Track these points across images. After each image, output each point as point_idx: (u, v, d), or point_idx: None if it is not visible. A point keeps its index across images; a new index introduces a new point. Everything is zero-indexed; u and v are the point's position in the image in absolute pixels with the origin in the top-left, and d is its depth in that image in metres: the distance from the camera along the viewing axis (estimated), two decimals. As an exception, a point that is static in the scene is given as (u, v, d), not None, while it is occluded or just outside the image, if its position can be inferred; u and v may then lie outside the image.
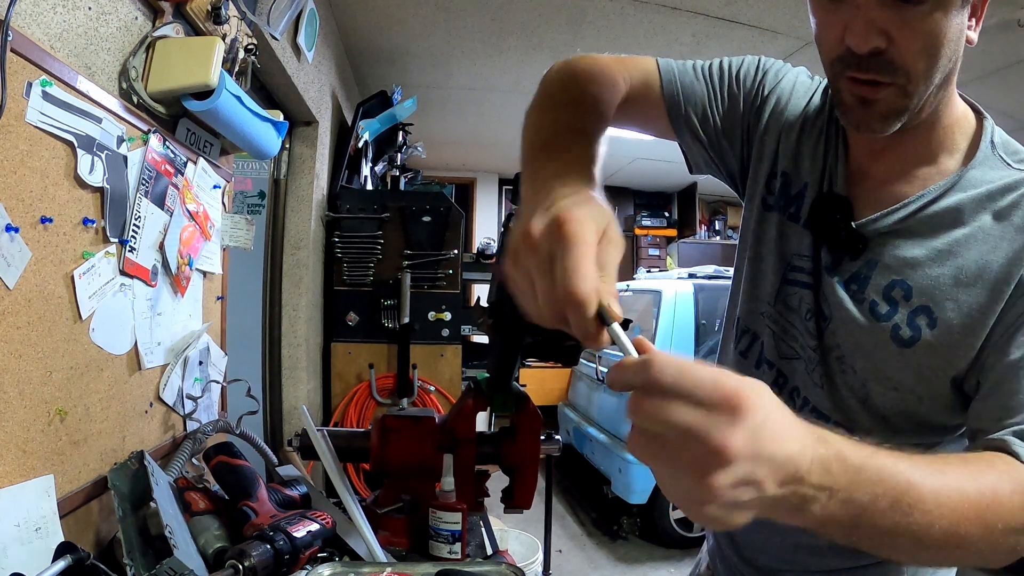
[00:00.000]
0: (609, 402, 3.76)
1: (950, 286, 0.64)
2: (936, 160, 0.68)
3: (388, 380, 2.69)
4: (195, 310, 1.34)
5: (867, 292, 0.69)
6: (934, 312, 0.64)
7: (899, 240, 0.68)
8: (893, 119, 0.64)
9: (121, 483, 0.92)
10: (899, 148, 0.69)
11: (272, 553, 0.81)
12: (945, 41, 0.60)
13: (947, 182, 0.67)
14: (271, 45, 1.74)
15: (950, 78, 0.64)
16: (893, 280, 0.67)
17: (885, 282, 0.68)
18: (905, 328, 0.66)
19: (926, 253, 0.66)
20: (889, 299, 0.67)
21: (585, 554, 3.37)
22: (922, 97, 0.63)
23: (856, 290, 0.70)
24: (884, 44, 0.60)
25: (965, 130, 0.69)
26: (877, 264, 0.69)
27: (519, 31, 2.90)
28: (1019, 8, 2.43)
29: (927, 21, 0.58)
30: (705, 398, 0.38)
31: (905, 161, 0.69)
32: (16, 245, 0.77)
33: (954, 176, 0.67)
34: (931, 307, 0.65)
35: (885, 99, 0.62)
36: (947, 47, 0.60)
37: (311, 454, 1.03)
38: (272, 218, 2.45)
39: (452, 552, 0.97)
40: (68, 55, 0.87)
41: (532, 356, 1.14)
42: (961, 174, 0.66)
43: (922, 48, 0.59)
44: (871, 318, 0.68)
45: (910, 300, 0.66)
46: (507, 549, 1.74)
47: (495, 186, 6.53)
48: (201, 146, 1.29)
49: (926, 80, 0.61)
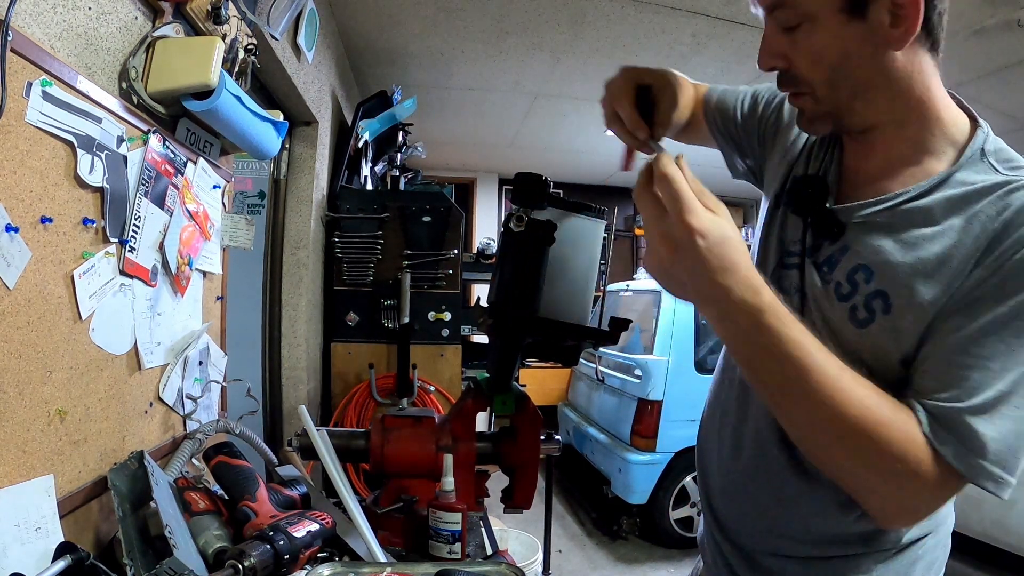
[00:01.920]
0: (609, 402, 3.77)
1: (908, 275, 0.67)
2: (921, 161, 0.72)
3: (388, 380, 2.69)
4: (195, 310, 1.34)
5: (834, 274, 0.74)
6: (890, 298, 0.68)
7: (872, 230, 0.72)
8: (818, 123, 0.74)
9: (121, 483, 0.92)
10: (882, 148, 0.74)
11: (272, 553, 0.82)
12: (837, 57, 0.67)
13: (929, 182, 0.70)
14: (271, 45, 1.74)
15: (877, 87, 0.69)
16: (858, 264, 0.72)
17: (851, 265, 0.72)
18: (861, 309, 0.70)
19: (894, 244, 0.70)
20: (852, 281, 0.72)
21: (585, 554, 3.37)
22: (835, 102, 0.70)
23: (826, 272, 0.75)
24: (785, 64, 0.71)
25: (954, 135, 0.71)
26: (849, 250, 0.73)
27: (519, 31, 2.90)
28: (1019, 8, 2.43)
29: (809, 41, 0.67)
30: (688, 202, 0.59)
31: (889, 161, 0.74)
32: (16, 245, 0.77)
33: (937, 177, 0.69)
34: (888, 292, 0.68)
35: (805, 107, 0.73)
36: (843, 61, 0.67)
37: (311, 454, 1.03)
38: (272, 218, 2.45)
39: (452, 552, 0.97)
40: (68, 55, 0.87)
41: (532, 356, 1.14)
42: (944, 175, 0.69)
43: (811, 62, 0.68)
44: (834, 298, 0.73)
45: (869, 284, 0.70)
46: (507, 549, 1.74)
47: (495, 186, 6.52)
48: (201, 146, 1.29)
49: (831, 88, 0.69)
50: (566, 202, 0.98)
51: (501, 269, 0.96)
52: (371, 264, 2.73)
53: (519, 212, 0.93)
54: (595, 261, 1.01)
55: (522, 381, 1.61)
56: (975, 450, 0.60)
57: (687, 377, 3.35)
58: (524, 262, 0.93)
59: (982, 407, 0.61)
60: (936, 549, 0.81)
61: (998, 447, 0.60)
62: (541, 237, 0.92)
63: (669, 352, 3.37)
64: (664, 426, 3.27)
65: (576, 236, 0.98)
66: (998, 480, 0.60)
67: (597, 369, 3.93)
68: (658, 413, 3.29)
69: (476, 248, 3.41)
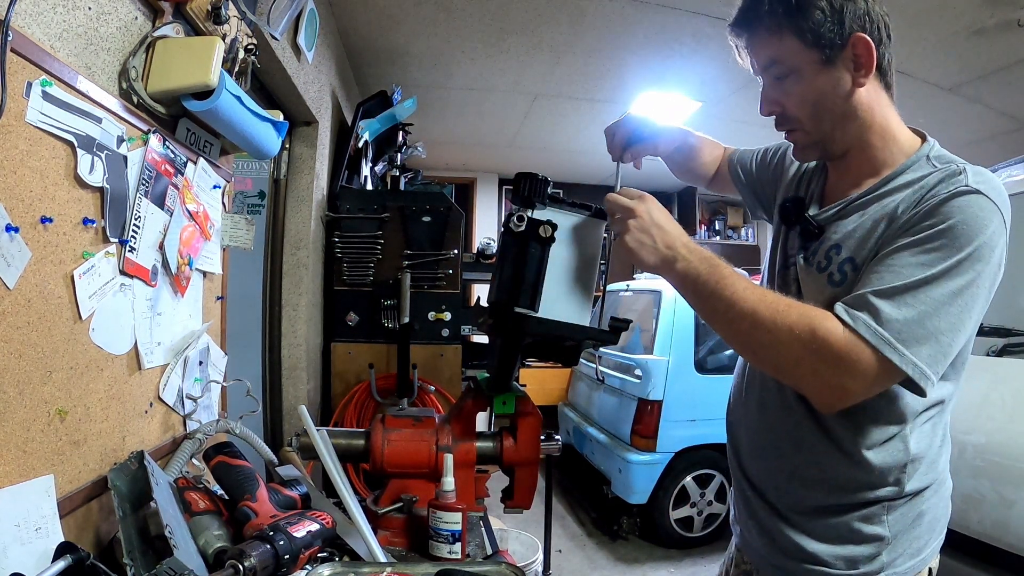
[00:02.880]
0: (609, 402, 3.77)
1: (864, 239, 0.88)
2: (880, 172, 0.91)
3: (388, 380, 2.69)
4: (195, 310, 1.34)
5: (815, 257, 0.95)
6: (856, 260, 0.88)
7: (838, 221, 0.93)
8: (810, 152, 0.96)
9: (121, 483, 0.92)
10: (855, 167, 0.94)
11: (272, 553, 0.82)
12: (816, 96, 0.88)
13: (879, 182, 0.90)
14: (271, 45, 1.74)
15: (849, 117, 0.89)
16: (831, 246, 0.92)
17: (826, 248, 0.93)
18: (836, 274, 0.90)
19: (853, 226, 0.90)
20: (827, 257, 0.92)
21: (585, 554, 3.37)
22: (824, 134, 0.91)
23: (810, 257, 0.96)
24: (779, 109, 0.92)
25: (906, 149, 0.91)
26: (825, 240, 0.94)
27: (519, 31, 2.90)
28: (1019, 8, 2.43)
29: (795, 87, 0.89)
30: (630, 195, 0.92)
31: (858, 177, 0.94)
32: (16, 245, 0.77)
33: (886, 178, 0.90)
34: (854, 257, 0.88)
35: (799, 141, 0.94)
36: (821, 99, 0.88)
37: (311, 454, 1.03)
38: (272, 218, 2.45)
39: (452, 552, 0.97)
40: (68, 55, 0.87)
41: (532, 356, 1.14)
42: (891, 176, 0.89)
43: (799, 104, 0.90)
44: (816, 272, 0.93)
45: (840, 255, 0.90)
46: (507, 549, 1.74)
47: (495, 186, 6.52)
48: (201, 146, 1.29)
49: (816, 123, 0.90)
50: (566, 202, 0.98)
51: (501, 269, 0.96)
52: (371, 264, 2.73)
53: (519, 212, 0.93)
54: (595, 261, 1.01)
55: (522, 381, 1.61)
56: (881, 323, 0.76)
57: (687, 377, 3.35)
58: (524, 262, 0.93)
59: (887, 292, 0.78)
60: (939, 507, 0.93)
61: (901, 327, 0.76)
62: (541, 237, 0.92)
63: (669, 352, 3.37)
64: (664, 426, 3.27)
65: (576, 236, 0.98)
66: (903, 357, 0.75)
67: (597, 369, 3.93)
68: (658, 413, 3.28)
69: (476, 248, 3.40)
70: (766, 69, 0.92)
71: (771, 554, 0.98)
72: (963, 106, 3.46)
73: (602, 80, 3.51)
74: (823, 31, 0.84)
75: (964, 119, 3.62)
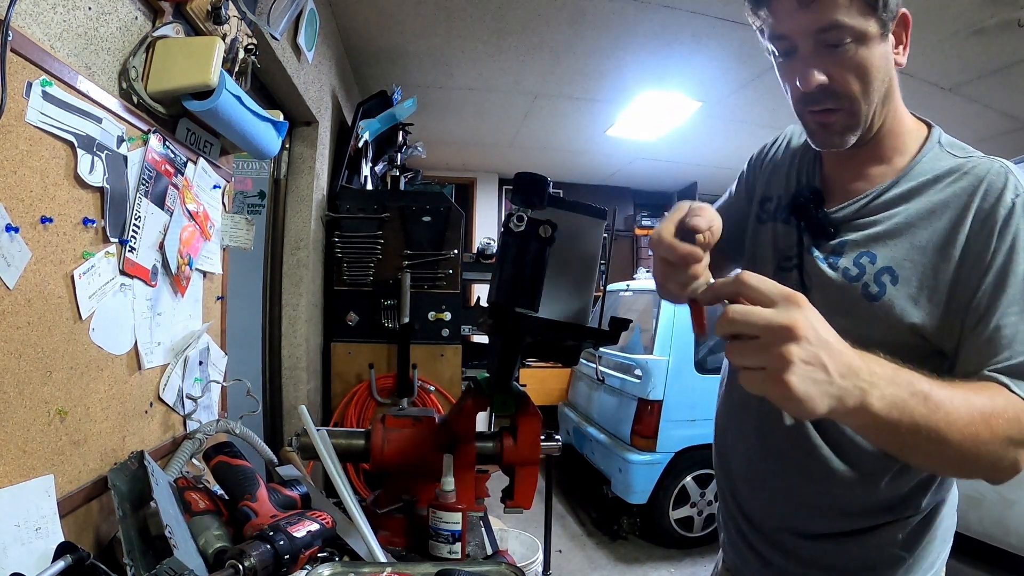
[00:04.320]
0: (609, 402, 3.77)
1: (907, 249, 0.79)
2: (890, 161, 0.85)
3: (388, 380, 2.69)
4: (195, 310, 1.34)
5: (840, 262, 0.85)
6: (895, 271, 0.80)
7: (861, 222, 0.85)
8: (848, 134, 0.82)
9: (121, 483, 0.92)
10: (857, 158, 0.87)
11: (272, 553, 0.81)
12: (873, 69, 0.78)
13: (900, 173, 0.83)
14: (271, 45, 1.74)
15: (890, 95, 0.82)
16: (861, 252, 0.83)
17: (855, 254, 0.84)
18: (873, 285, 0.81)
19: (885, 228, 0.82)
20: (858, 264, 0.83)
21: (585, 554, 3.37)
22: (867, 114, 0.80)
23: (832, 263, 0.86)
24: (826, 81, 0.78)
25: (916, 137, 0.85)
26: (847, 243, 0.85)
27: (519, 31, 2.90)
28: (1019, 8, 2.43)
29: (853, 57, 0.77)
30: (771, 297, 0.54)
31: (863, 166, 0.87)
32: (16, 245, 0.77)
33: (903, 169, 0.83)
34: (893, 267, 0.80)
35: (839, 121, 0.81)
36: (876, 73, 0.78)
37: (311, 454, 1.03)
38: (272, 218, 2.45)
39: (452, 552, 0.97)
40: (68, 55, 0.87)
41: (532, 356, 1.14)
42: (911, 166, 0.83)
43: (854, 77, 0.78)
44: (844, 280, 0.83)
45: (875, 263, 0.82)
46: (507, 549, 1.74)
47: (495, 186, 6.52)
48: (201, 146, 1.29)
49: (866, 100, 0.79)
50: (566, 202, 0.98)
51: (501, 269, 0.96)
52: (371, 264, 2.73)
53: (519, 212, 0.93)
54: (595, 261, 1.01)
55: (522, 381, 1.61)
56: None
57: (687, 377, 3.35)
58: (524, 262, 0.93)
59: None
60: (948, 518, 0.90)
61: None
62: (541, 237, 0.92)
63: (669, 352, 3.37)
64: (664, 426, 3.27)
65: (576, 236, 0.98)
66: None
67: (597, 369, 3.93)
68: (658, 413, 3.29)
69: (476, 248, 3.40)
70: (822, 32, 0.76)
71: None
72: (963, 106, 3.45)
73: (602, 80, 3.51)
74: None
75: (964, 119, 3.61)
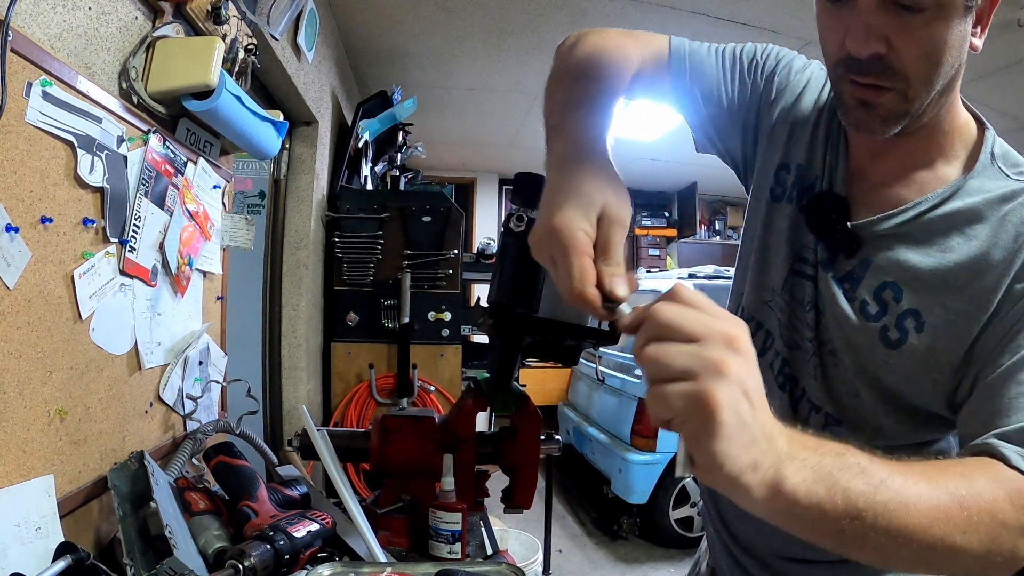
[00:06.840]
0: (609, 402, 3.76)
1: (939, 291, 0.65)
2: (934, 166, 0.69)
3: (388, 380, 2.69)
4: (195, 310, 1.34)
5: (859, 291, 0.70)
6: (922, 316, 0.65)
7: (894, 243, 0.69)
8: (893, 122, 0.65)
9: (121, 483, 0.92)
10: (898, 151, 0.70)
11: (272, 553, 0.81)
12: (946, 48, 0.60)
13: (946, 190, 0.67)
14: (271, 45, 1.73)
15: (952, 84, 0.65)
16: (885, 281, 0.68)
17: (877, 283, 0.69)
18: (893, 330, 0.67)
19: (919, 259, 0.67)
20: (879, 300, 0.68)
21: (585, 554, 3.37)
22: (923, 103, 0.63)
23: (848, 288, 0.71)
24: (884, 49, 0.60)
25: (965, 139, 0.70)
26: (871, 265, 0.70)
27: (519, 31, 2.90)
28: (1019, 8, 2.43)
29: (928, 28, 0.59)
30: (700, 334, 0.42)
31: (904, 164, 0.70)
32: (16, 245, 0.77)
33: (954, 184, 0.67)
34: (920, 311, 0.66)
35: (886, 103, 0.64)
36: (948, 54, 0.61)
37: (311, 454, 1.03)
38: (272, 218, 2.45)
39: (452, 552, 0.97)
40: (68, 55, 0.87)
41: (532, 356, 1.14)
42: (961, 183, 0.67)
43: (922, 54, 0.60)
44: (861, 317, 0.70)
45: (900, 303, 0.67)
46: (507, 549, 1.74)
47: (495, 186, 6.52)
48: (201, 146, 1.29)
49: (927, 86, 0.62)
50: (566, 202, 0.97)
51: (501, 269, 0.96)
52: (371, 264, 2.73)
53: (519, 212, 0.93)
54: (595, 261, 1.01)
55: (522, 381, 1.61)
56: None
57: (687, 377, 3.34)
58: (524, 262, 0.92)
59: None
60: None
61: None
62: (541, 237, 0.92)
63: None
64: (664, 426, 3.27)
65: (576, 236, 0.98)
66: None
67: (597, 369, 3.93)
68: (658, 413, 3.28)
69: (476, 248, 3.41)
70: None
71: None
72: (963, 106, 3.45)
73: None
74: None
75: (964, 119, 3.61)
